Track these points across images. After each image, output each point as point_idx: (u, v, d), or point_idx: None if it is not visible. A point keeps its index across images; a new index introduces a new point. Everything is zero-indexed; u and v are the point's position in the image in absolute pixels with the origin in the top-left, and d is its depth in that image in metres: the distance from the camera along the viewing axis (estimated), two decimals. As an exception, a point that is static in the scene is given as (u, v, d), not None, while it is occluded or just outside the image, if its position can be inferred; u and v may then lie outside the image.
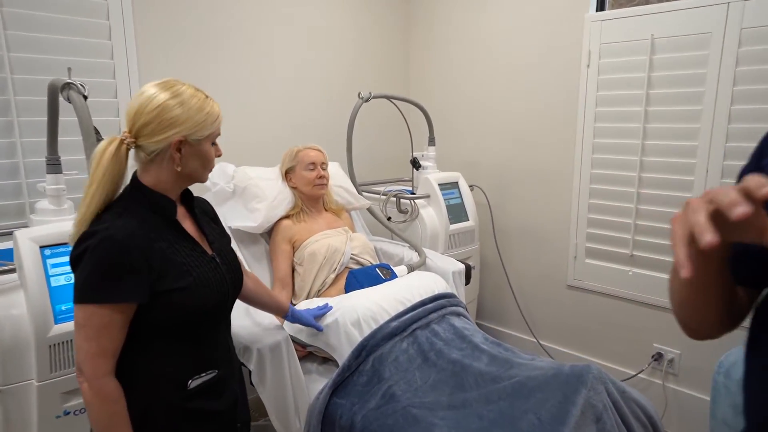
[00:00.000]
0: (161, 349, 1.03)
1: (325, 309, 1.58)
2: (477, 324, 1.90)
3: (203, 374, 1.09)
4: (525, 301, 2.66)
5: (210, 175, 1.61)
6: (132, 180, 1.07)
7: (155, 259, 0.98)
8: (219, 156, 1.16)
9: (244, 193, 1.90)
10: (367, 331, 1.53)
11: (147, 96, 1.01)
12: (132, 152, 1.03)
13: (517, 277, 2.69)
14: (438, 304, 1.68)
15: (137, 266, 0.96)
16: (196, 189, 1.20)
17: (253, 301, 1.40)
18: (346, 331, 1.53)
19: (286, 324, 1.67)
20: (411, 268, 1.93)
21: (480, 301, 2.81)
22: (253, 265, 1.88)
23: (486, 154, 2.75)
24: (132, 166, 1.06)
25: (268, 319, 1.52)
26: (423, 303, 1.66)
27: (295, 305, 1.84)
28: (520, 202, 2.65)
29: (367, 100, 2.24)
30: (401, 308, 1.62)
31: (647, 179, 2.18)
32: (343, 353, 1.51)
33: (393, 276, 1.82)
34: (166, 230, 1.05)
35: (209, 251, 1.12)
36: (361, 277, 1.75)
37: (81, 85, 1.37)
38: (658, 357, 2.23)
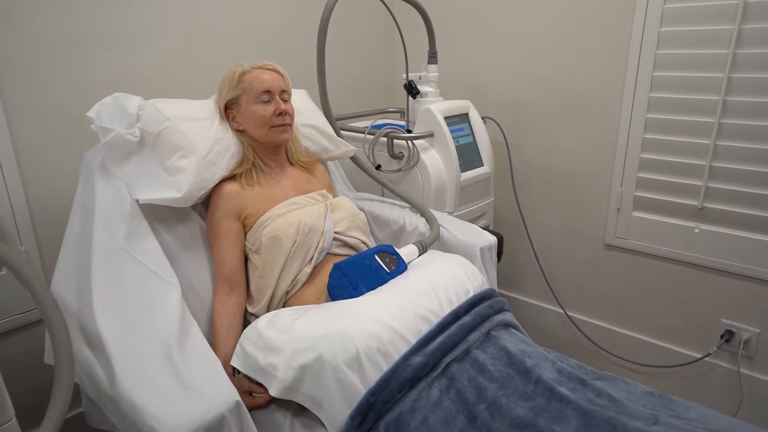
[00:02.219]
0: None
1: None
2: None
3: None
4: (549, 264, 2.10)
5: (95, 113, 1.14)
6: None
7: None
8: None
9: (158, 143, 1.19)
10: (373, 376, 0.92)
11: None
12: None
13: (540, 233, 2.10)
14: (478, 314, 1.07)
15: None
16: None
17: None
18: (339, 377, 0.91)
19: (239, 357, 1.04)
20: (423, 247, 1.31)
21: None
22: (181, 256, 1.21)
23: (500, 74, 2.06)
24: None
25: (202, 370, 0.89)
26: (456, 315, 1.05)
27: (252, 318, 1.21)
28: (544, 137, 2.01)
29: (344, -7, 1.51)
30: (424, 329, 1.01)
31: (735, 105, 1.57)
32: (334, 415, 0.91)
33: (401, 266, 1.19)
34: None
35: None
36: (353, 273, 1.12)
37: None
38: (729, 336, 1.74)
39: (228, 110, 1.29)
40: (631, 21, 1.71)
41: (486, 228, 1.84)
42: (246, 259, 1.26)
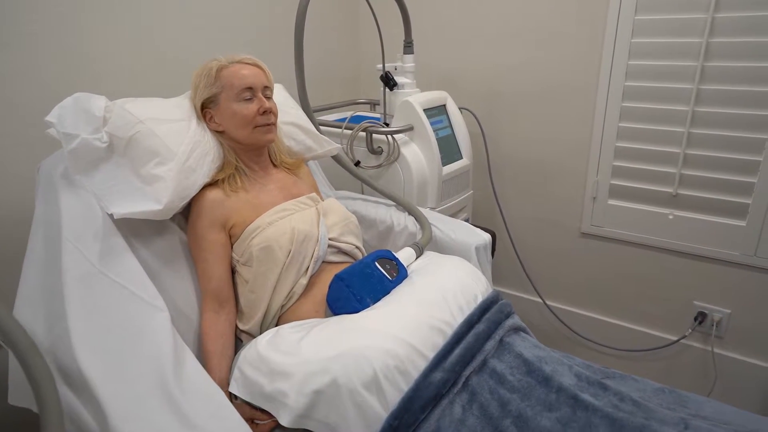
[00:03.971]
0: None
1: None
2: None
3: None
4: (526, 254, 2.10)
5: (56, 116, 1.00)
6: None
7: None
8: None
9: (130, 148, 1.06)
10: (393, 397, 0.86)
11: None
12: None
13: (517, 224, 2.10)
14: (490, 321, 1.03)
15: None
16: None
17: None
18: (357, 401, 0.85)
19: (239, 383, 0.95)
20: (419, 250, 1.25)
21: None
22: (161, 273, 1.09)
23: (474, 64, 2.02)
24: None
25: (205, 405, 0.80)
26: (470, 324, 1.00)
27: (244, 336, 1.12)
28: (520, 128, 1.99)
29: (322, -20, 1.40)
30: (440, 341, 0.95)
31: (708, 93, 1.60)
32: (355, 441, 0.84)
33: (402, 272, 1.13)
34: None
35: None
36: (356, 284, 1.04)
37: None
38: (702, 318, 1.80)
39: (205, 109, 1.17)
40: (605, 9, 1.70)
41: (466, 221, 1.82)
42: (233, 272, 1.15)
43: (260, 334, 1.07)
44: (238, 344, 1.13)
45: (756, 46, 1.49)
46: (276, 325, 1.10)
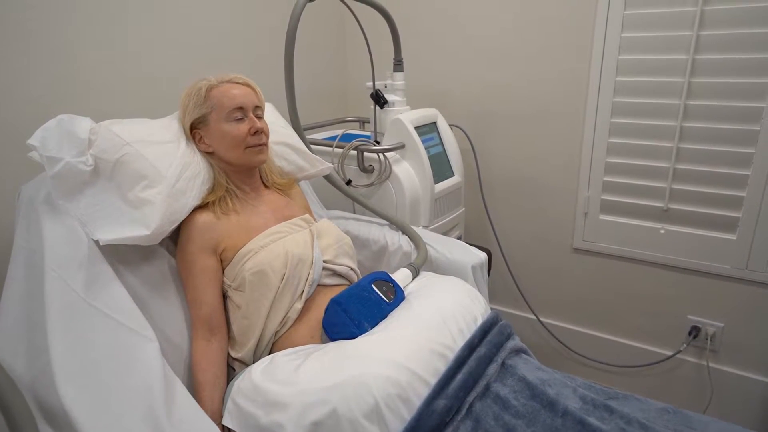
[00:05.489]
0: None
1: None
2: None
3: None
4: (519, 271, 2.08)
5: (39, 140, 0.96)
6: None
7: None
8: None
9: (117, 172, 1.02)
10: (395, 427, 0.83)
11: None
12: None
13: (509, 241, 2.08)
14: (491, 343, 1.01)
15: None
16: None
17: None
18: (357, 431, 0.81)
19: (233, 415, 0.91)
20: (415, 271, 1.22)
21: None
22: (150, 300, 1.04)
23: (463, 80, 2.02)
24: None
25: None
26: (471, 347, 0.98)
27: (236, 364, 1.08)
28: (510, 145, 1.99)
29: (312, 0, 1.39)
30: (442, 366, 0.93)
31: (696, 108, 1.61)
32: (357, 475, 0.81)
33: (399, 295, 1.10)
34: None
35: None
36: (353, 308, 1.01)
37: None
38: (696, 332, 1.80)
39: (194, 130, 1.14)
40: (592, 26, 1.72)
41: (459, 239, 1.80)
42: (224, 297, 1.12)
43: (254, 361, 1.03)
44: (230, 373, 1.08)
45: (742, 62, 1.51)
46: (270, 352, 1.06)
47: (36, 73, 1.24)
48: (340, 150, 1.64)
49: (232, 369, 1.10)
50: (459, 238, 1.82)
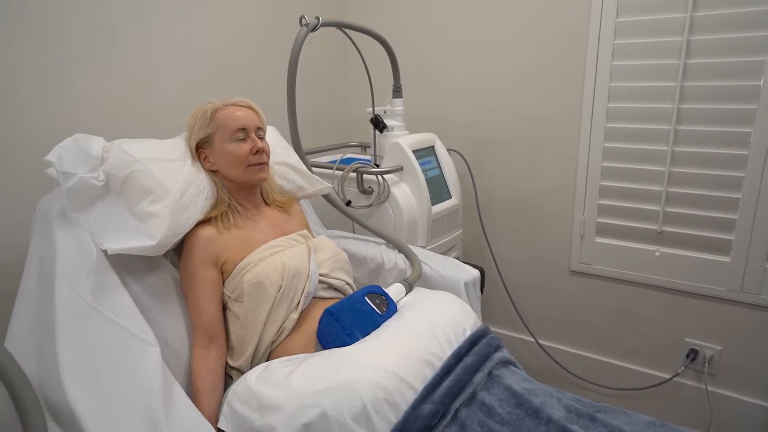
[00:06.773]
0: None
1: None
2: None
3: None
4: (516, 292, 2.11)
5: (56, 156, 1.03)
6: None
7: None
8: None
9: (126, 187, 1.09)
10: (382, 429, 0.86)
11: None
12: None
13: (506, 263, 2.12)
14: (479, 354, 1.04)
15: None
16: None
17: None
18: (346, 434, 0.85)
19: (228, 418, 0.95)
20: (408, 285, 1.27)
21: (458, 295, 2.22)
22: (153, 308, 1.10)
23: (460, 106, 2.10)
24: None
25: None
26: (459, 357, 1.01)
27: (234, 372, 1.12)
28: (507, 168, 2.05)
29: (314, 29, 1.48)
30: (429, 374, 0.96)
31: (686, 133, 1.67)
32: (344, 476, 0.84)
33: (391, 307, 1.15)
34: None
35: None
36: (346, 318, 1.06)
37: None
38: (694, 355, 1.80)
39: (200, 150, 1.21)
40: (584, 53, 1.79)
41: (457, 259, 1.84)
42: (224, 308, 1.16)
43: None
44: (228, 381, 1.12)
45: (729, 89, 1.57)
46: (266, 361, 1.10)
47: (53, 97, 1.33)
48: (341, 172, 1.71)
49: (229, 378, 1.14)
50: (457, 259, 1.86)
